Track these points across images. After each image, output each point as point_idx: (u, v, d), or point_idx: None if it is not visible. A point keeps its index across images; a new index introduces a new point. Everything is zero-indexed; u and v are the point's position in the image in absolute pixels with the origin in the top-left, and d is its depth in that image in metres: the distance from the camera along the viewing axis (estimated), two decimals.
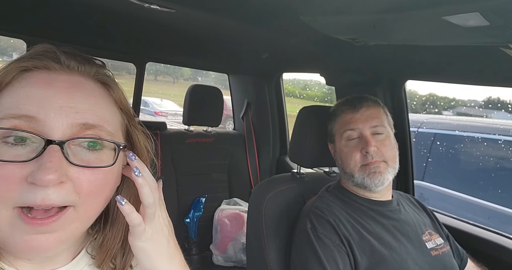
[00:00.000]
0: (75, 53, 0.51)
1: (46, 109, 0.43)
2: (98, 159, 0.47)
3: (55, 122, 0.43)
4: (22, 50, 1.80)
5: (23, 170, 0.42)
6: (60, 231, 0.45)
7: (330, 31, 1.03)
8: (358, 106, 1.14)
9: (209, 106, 2.23)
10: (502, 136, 2.88)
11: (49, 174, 0.41)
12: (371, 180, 1.07)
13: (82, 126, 0.45)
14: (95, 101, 0.48)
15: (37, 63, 0.47)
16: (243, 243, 1.97)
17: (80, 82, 0.49)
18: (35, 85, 0.45)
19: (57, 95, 0.45)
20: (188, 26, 1.38)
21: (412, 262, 1.03)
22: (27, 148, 0.43)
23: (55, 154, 0.42)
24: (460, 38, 0.85)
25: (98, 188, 0.47)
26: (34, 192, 0.41)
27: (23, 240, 0.43)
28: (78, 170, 0.45)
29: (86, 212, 0.47)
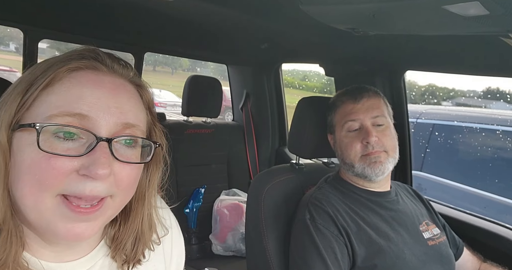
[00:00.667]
0: (114, 56, 0.56)
1: (96, 109, 0.48)
2: (133, 155, 0.52)
3: (103, 121, 0.48)
4: (19, 39, 1.78)
5: (73, 163, 0.46)
6: (99, 219, 0.49)
7: (329, 20, 1.03)
8: (359, 96, 1.14)
9: (208, 97, 2.22)
10: (500, 127, 2.89)
11: (104, 169, 0.46)
12: (371, 170, 1.07)
13: (124, 125, 0.50)
14: (134, 103, 0.54)
15: (87, 64, 0.51)
16: (242, 233, 1.99)
17: (123, 84, 0.54)
18: (86, 84, 0.49)
19: (105, 96, 0.49)
20: (187, 16, 1.37)
21: (409, 252, 1.04)
22: (76, 143, 0.47)
23: (105, 150, 0.47)
24: (460, 27, 0.85)
25: (133, 182, 0.53)
26: (84, 183, 0.46)
27: (66, 228, 0.47)
28: (120, 165, 0.49)
29: (120, 202, 0.52)
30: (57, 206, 0.46)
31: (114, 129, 0.49)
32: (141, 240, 0.61)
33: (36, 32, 1.76)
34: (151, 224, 0.62)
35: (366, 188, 1.15)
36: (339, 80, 1.78)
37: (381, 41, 1.22)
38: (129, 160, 0.50)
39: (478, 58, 1.21)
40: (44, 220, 0.47)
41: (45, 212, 0.46)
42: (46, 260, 0.53)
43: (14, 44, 11.81)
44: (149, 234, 0.62)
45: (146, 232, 0.61)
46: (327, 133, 1.27)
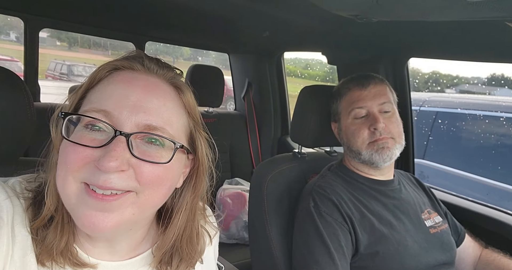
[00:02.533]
0: (158, 59, 0.58)
1: (121, 107, 0.50)
2: (158, 153, 0.52)
3: (126, 119, 0.50)
4: (20, 28, 1.77)
5: (94, 154, 0.48)
6: (118, 212, 0.49)
7: (332, 7, 1.01)
8: (366, 83, 1.13)
9: (210, 86, 2.21)
10: (503, 113, 2.87)
11: (111, 162, 0.46)
12: (379, 156, 1.07)
13: (146, 127, 0.51)
14: (164, 102, 0.53)
15: (125, 63, 0.54)
16: (245, 221, 2.02)
17: (156, 83, 0.54)
18: (118, 83, 0.52)
19: (134, 94, 0.51)
20: (188, 5, 1.35)
21: (411, 240, 1.05)
22: (102, 134, 0.50)
23: (120, 144, 0.48)
24: (464, 12, 0.84)
25: (158, 180, 0.52)
26: (98, 174, 0.47)
27: (85, 215, 0.48)
28: (139, 161, 0.50)
29: (145, 200, 0.51)
30: (80, 192, 0.48)
31: (137, 129, 0.50)
32: (180, 255, 0.61)
33: (36, 21, 1.75)
34: (192, 238, 0.62)
35: (370, 176, 1.15)
36: (341, 68, 1.77)
37: (384, 28, 1.20)
38: (149, 158, 0.50)
39: (483, 44, 1.20)
40: (69, 204, 0.49)
41: (70, 195, 0.49)
42: (91, 255, 0.55)
43: (15, 33, 11.75)
44: (190, 249, 0.62)
45: (184, 245, 0.61)
46: (330, 121, 1.26)
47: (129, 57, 0.55)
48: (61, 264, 0.52)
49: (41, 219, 0.51)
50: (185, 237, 0.61)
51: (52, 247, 0.50)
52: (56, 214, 0.52)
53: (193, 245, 0.63)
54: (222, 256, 1.46)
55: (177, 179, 0.58)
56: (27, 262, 0.50)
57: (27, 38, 1.75)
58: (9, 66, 1.10)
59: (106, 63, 0.55)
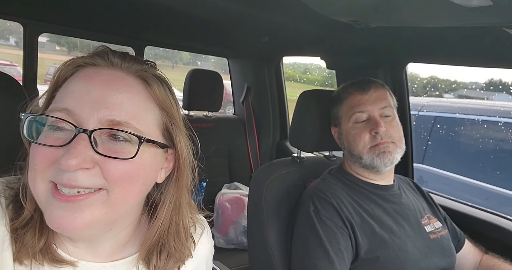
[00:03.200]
0: (125, 53, 0.56)
1: (82, 104, 0.49)
2: (124, 149, 0.50)
3: (88, 116, 0.48)
4: (19, 33, 1.77)
5: (57, 153, 0.47)
6: (88, 212, 0.48)
7: (331, 13, 1.02)
8: (367, 88, 1.14)
9: (209, 90, 2.21)
10: (502, 118, 2.88)
11: (69, 159, 0.45)
12: (380, 160, 1.07)
13: (110, 123, 0.49)
14: (128, 96, 0.51)
15: (87, 60, 0.53)
16: (244, 226, 2.01)
17: (119, 76, 0.53)
18: (80, 80, 0.51)
19: (95, 89, 0.50)
20: (187, 9, 1.36)
21: (412, 245, 1.05)
22: (66, 134, 0.49)
23: (81, 142, 0.47)
24: (463, 18, 0.84)
25: (126, 177, 0.50)
26: (62, 173, 0.46)
27: (53, 216, 0.47)
28: (104, 158, 0.48)
29: (117, 198, 0.50)
30: (47, 193, 0.48)
31: (100, 125, 0.48)
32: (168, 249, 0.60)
33: (36, 26, 1.76)
34: (179, 233, 0.61)
35: (370, 181, 1.15)
36: (340, 73, 1.77)
37: (382, 34, 1.21)
38: (115, 155, 0.48)
39: (481, 49, 1.20)
40: (41, 205, 0.49)
41: (40, 197, 0.48)
42: (70, 254, 0.54)
43: (14, 38, 11.77)
44: (178, 244, 0.61)
45: (171, 240, 0.60)
46: (330, 126, 1.26)
47: (93, 53, 0.54)
48: (39, 261, 0.51)
49: (21, 220, 0.51)
50: (172, 231, 0.60)
51: (30, 246, 0.50)
52: (35, 214, 0.51)
53: (181, 239, 0.61)
54: (221, 261, 1.45)
55: (153, 174, 0.56)
56: (2, 259, 0.49)
57: (26, 42, 1.75)
58: (8, 70, 1.10)
59: (68, 60, 0.54)
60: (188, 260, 0.65)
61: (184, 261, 0.63)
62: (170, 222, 0.59)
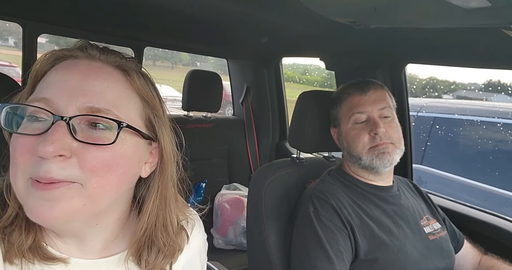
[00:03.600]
0: (104, 47, 0.56)
1: (60, 93, 0.48)
2: (104, 137, 0.48)
3: (66, 104, 0.48)
4: (18, 34, 1.77)
5: (36, 142, 0.46)
6: (64, 202, 0.46)
7: (330, 14, 1.02)
8: (366, 88, 1.14)
9: (209, 91, 2.21)
10: (501, 119, 2.88)
11: (46, 146, 0.44)
12: (380, 161, 1.07)
13: (89, 110, 0.48)
14: (107, 84, 0.51)
15: (66, 53, 0.53)
16: (243, 227, 2.01)
17: (98, 66, 0.52)
18: (59, 71, 0.51)
19: (73, 79, 0.49)
20: (187, 10, 1.36)
21: (411, 246, 1.05)
22: (44, 123, 0.47)
23: (59, 129, 0.46)
24: (461, 20, 0.84)
25: (104, 166, 0.48)
26: (39, 165, 0.45)
27: (33, 205, 0.46)
28: (82, 145, 0.47)
29: (94, 189, 0.48)
30: (27, 186, 0.47)
31: (79, 113, 0.47)
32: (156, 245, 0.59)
33: (35, 26, 1.76)
34: (166, 227, 0.60)
35: (369, 182, 1.15)
36: (339, 74, 1.77)
37: (382, 35, 1.21)
38: (93, 141, 0.47)
39: (480, 50, 1.21)
40: (21, 199, 0.48)
41: (20, 191, 0.48)
42: (60, 251, 0.54)
43: (13, 39, 11.76)
44: (166, 238, 0.60)
45: (159, 234, 0.59)
46: (330, 126, 1.26)
47: (72, 47, 0.54)
48: (30, 260, 0.50)
49: (5, 218, 0.50)
50: (159, 226, 0.59)
51: (19, 245, 0.49)
52: (20, 211, 0.50)
53: (169, 234, 0.60)
54: (220, 262, 1.45)
55: (136, 166, 0.54)
56: None
57: (26, 43, 1.75)
58: (7, 71, 1.10)
59: (46, 53, 0.54)
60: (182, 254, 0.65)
61: (174, 257, 0.63)
62: (157, 217, 0.59)
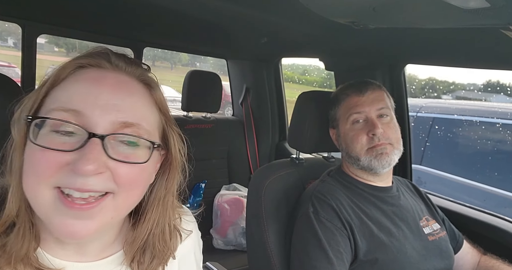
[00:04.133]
0: (125, 56, 0.56)
1: (92, 106, 0.48)
2: (134, 154, 0.51)
3: (99, 118, 0.48)
4: (17, 34, 1.77)
5: (65, 157, 0.46)
6: (98, 218, 0.48)
7: (329, 14, 1.02)
8: (364, 89, 1.14)
9: (208, 92, 2.21)
10: (500, 120, 2.89)
11: (88, 165, 0.45)
12: (378, 162, 1.07)
13: (122, 124, 0.49)
14: (136, 100, 0.52)
15: (91, 61, 0.52)
16: (243, 228, 2.00)
17: (125, 81, 0.53)
18: (87, 81, 0.50)
19: (104, 93, 0.49)
20: (186, 11, 1.36)
21: (410, 247, 1.05)
22: (72, 138, 0.47)
23: (95, 147, 0.46)
24: (460, 20, 0.85)
25: (135, 181, 0.51)
26: (75, 178, 0.45)
27: (63, 224, 0.46)
28: (116, 163, 0.48)
29: (123, 202, 0.51)
30: (54, 200, 0.46)
31: (111, 128, 0.48)
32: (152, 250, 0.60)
33: (34, 27, 1.76)
34: (164, 234, 0.61)
35: (369, 182, 1.15)
36: (339, 74, 1.78)
37: (381, 35, 1.21)
38: (126, 159, 0.49)
39: (479, 51, 1.21)
40: (43, 214, 0.47)
41: (43, 205, 0.47)
42: (58, 257, 0.54)
43: (13, 39, 11.75)
44: (162, 245, 0.61)
45: (156, 241, 0.60)
46: (328, 127, 1.26)
47: (94, 54, 0.53)
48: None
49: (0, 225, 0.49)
50: (157, 233, 0.60)
51: (13, 254, 0.48)
52: (18, 220, 0.50)
53: (166, 241, 0.62)
54: (219, 262, 1.45)
55: (152, 176, 0.57)
56: None
57: (25, 44, 1.75)
58: (7, 72, 1.10)
59: (70, 60, 0.52)
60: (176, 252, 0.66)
61: (166, 262, 0.63)
62: (158, 223, 0.60)
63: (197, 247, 0.75)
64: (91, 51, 0.54)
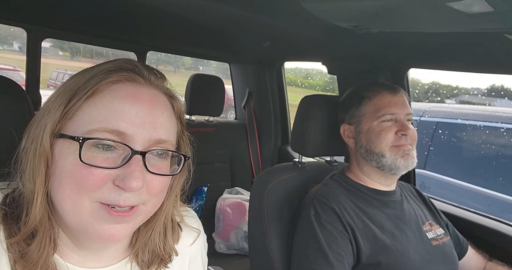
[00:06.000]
0: (152, 68, 0.58)
1: (132, 125, 0.51)
2: (165, 165, 0.56)
3: (138, 136, 0.51)
4: (23, 38, 1.79)
5: (111, 172, 0.49)
6: (131, 222, 0.53)
7: (332, 18, 1.02)
8: (396, 90, 1.15)
9: (211, 95, 2.22)
10: (504, 124, 2.87)
11: (138, 182, 0.49)
12: (405, 161, 1.07)
13: (157, 141, 0.53)
14: (167, 116, 0.56)
15: (126, 76, 0.54)
16: (245, 231, 2.00)
17: (157, 96, 0.56)
18: (124, 99, 0.52)
19: (143, 110, 0.52)
20: (189, 15, 1.37)
21: (414, 251, 1.04)
22: (114, 153, 0.51)
23: (139, 163, 0.50)
24: (464, 24, 0.84)
25: (163, 190, 0.56)
26: (119, 194, 0.49)
27: (102, 228, 0.50)
28: (152, 175, 0.53)
29: (152, 207, 0.56)
30: (96, 209, 0.50)
31: (148, 144, 0.52)
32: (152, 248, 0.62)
33: (39, 31, 1.77)
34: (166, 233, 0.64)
35: (372, 186, 1.15)
36: (342, 78, 1.77)
37: (384, 39, 1.21)
38: (160, 171, 0.54)
39: (482, 55, 1.20)
40: (82, 221, 0.50)
41: (84, 214, 0.50)
42: (73, 263, 0.56)
43: (18, 43, 11.86)
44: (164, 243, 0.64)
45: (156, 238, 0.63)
46: (330, 130, 1.26)
47: (124, 67, 0.54)
48: None
49: (22, 234, 0.50)
50: (159, 230, 0.63)
51: (32, 261, 0.50)
52: (40, 228, 0.51)
53: (167, 239, 0.65)
54: (222, 266, 1.44)
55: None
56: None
57: (30, 48, 1.77)
58: (12, 75, 1.11)
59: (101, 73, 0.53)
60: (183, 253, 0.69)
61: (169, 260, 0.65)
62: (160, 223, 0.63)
63: (203, 250, 0.77)
64: (119, 64, 0.55)
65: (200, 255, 0.75)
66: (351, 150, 1.21)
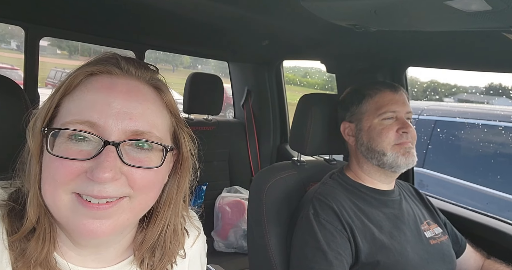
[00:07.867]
0: (133, 59, 0.56)
1: (105, 116, 0.49)
2: (148, 158, 0.52)
3: (112, 127, 0.49)
4: (20, 37, 1.78)
5: (83, 165, 0.48)
6: (113, 218, 0.50)
7: (330, 17, 1.02)
8: (397, 88, 1.16)
9: (209, 94, 2.22)
10: (502, 123, 2.88)
11: (106, 173, 0.46)
12: (406, 159, 1.08)
13: (134, 133, 0.50)
14: (148, 106, 0.53)
15: (101, 68, 0.53)
16: (244, 230, 2.00)
17: (137, 87, 0.54)
18: (98, 90, 0.51)
19: (116, 101, 0.50)
20: (188, 13, 1.37)
21: (412, 251, 1.05)
22: (89, 145, 0.49)
23: (111, 154, 0.48)
24: (462, 23, 0.85)
25: (150, 184, 0.53)
26: (92, 185, 0.47)
27: (81, 223, 0.48)
28: (131, 168, 0.50)
29: (139, 205, 0.53)
30: (72, 203, 0.48)
31: (124, 136, 0.50)
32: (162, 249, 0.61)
33: (37, 29, 1.77)
34: (177, 234, 0.63)
35: (371, 185, 1.15)
36: (340, 76, 1.78)
37: (382, 38, 1.21)
38: (140, 164, 0.51)
39: (481, 53, 1.21)
40: (62, 216, 0.49)
41: (62, 208, 0.49)
42: (73, 263, 0.55)
43: (15, 42, 11.82)
44: (174, 244, 0.62)
45: (168, 240, 0.61)
46: (330, 128, 1.26)
47: (103, 60, 0.54)
48: None
49: (22, 232, 0.51)
50: (169, 232, 0.61)
51: (32, 259, 0.50)
52: (38, 225, 0.51)
53: (177, 239, 0.63)
54: (221, 265, 1.45)
55: (166, 177, 0.58)
56: None
57: (28, 46, 1.76)
58: (10, 74, 1.11)
59: (79, 68, 0.53)
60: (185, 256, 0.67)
61: (175, 259, 0.64)
62: (170, 222, 0.61)
63: (203, 251, 0.77)
64: (99, 57, 0.54)
65: (199, 257, 0.74)
66: (351, 148, 1.21)
